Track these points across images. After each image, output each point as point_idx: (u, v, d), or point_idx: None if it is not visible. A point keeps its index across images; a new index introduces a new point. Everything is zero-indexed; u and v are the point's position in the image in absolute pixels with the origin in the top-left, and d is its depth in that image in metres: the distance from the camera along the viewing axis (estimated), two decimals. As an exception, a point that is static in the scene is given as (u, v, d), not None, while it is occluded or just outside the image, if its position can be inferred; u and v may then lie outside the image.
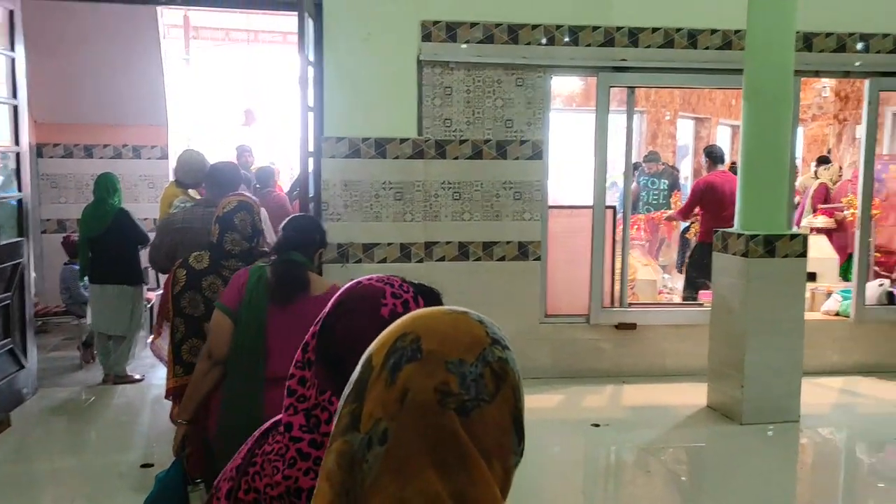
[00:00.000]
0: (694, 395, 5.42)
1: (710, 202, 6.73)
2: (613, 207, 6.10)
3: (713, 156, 6.99)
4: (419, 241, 5.72)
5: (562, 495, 4.13)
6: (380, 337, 0.80)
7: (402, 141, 5.68)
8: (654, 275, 6.97)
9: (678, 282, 7.43)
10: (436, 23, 5.67)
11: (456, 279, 5.73)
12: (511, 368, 0.79)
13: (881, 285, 6.34)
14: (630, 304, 6.07)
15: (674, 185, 8.20)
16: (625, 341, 5.99)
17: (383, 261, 5.69)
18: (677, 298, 6.84)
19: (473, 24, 5.69)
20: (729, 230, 5.17)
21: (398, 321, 0.81)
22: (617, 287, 6.06)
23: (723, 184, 6.68)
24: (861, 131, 6.45)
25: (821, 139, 9.78)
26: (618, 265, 6.06)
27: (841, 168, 8.86)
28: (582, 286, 5.94)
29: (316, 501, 0.77)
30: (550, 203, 5.98)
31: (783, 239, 4.93)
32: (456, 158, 5.75)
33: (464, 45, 5.67)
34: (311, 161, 5.11)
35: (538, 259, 5.84)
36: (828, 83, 9.43)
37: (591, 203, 5.95)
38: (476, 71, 5.74)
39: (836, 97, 9.60)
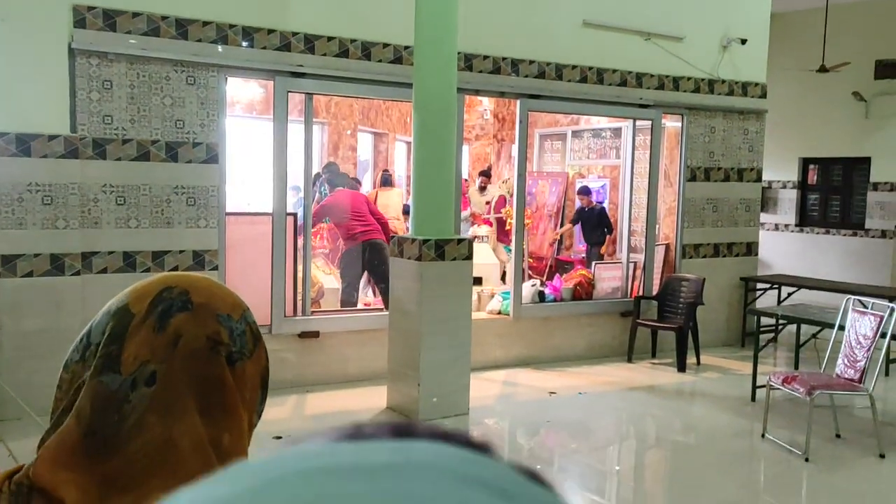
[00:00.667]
0: (375, 398, 5.57)
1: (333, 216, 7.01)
2: (295, 215, 6.02)
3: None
4: (75, 252, 5.10)
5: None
6: (131, 290, 0.81)
7: (52, 138, 5.02)
8: (337, 283, 7.03)
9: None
10: (91, 8, 5.12)
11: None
12: (261, 334, 0.85)
13: (533, 285, 7.09)
14: (312, 313, 6.03)
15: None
16: (308, 350, 5.95)
17: (29, 275, 4.95)
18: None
19: (136, 14, 5.25)
20: (404, 236, 5.37)
21: (153, 278, 0.82)
22: (301, 296, 5.99)
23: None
24: (515, 150, 7.17)
25: (483, 156, 10.76)
26: (300, 273, 5.98)
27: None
28: (264, 296, 5.79)
29: (61, 438, 0.75)
30: (229, 210, 5.72)
31: (451, 243, 5.26)
32: (119, 159, 5.24)
33: (126, 35, 5.20)
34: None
35: (215, 269, 5.57)
36: (488, 106, 10.41)
37: (271, 210, 5.81)
38: (141, 65, 5.29)
39: (496, 119, 10.65)
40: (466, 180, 9.28)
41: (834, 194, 10.81)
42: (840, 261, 10.34)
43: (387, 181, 8.23)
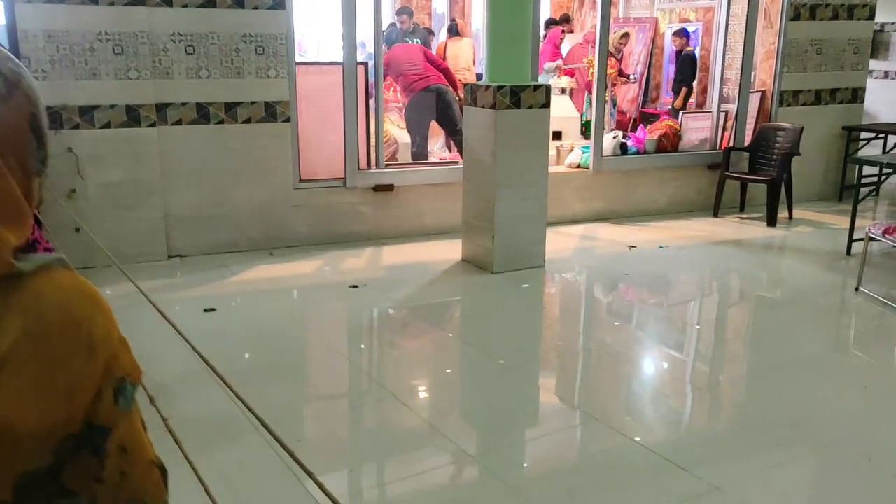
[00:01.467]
0: (450, 250, 5.54)
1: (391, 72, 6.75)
2: (366, 64, 5.80)
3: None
4: (149, 103, 5.08)
5: (319, 356, 4.02)
6: None
7: (117, -17, 4.89)
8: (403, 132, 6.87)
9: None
10: None
11: (196, 145, 5.25)
12: (26, 83, 0.84)
13: (615, 137, 6.77)
14: (387, 166, 5.94)
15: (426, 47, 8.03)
16: (383, 203, 5.91)
17: (106, 126, 5.00)
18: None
19: None
20: (477, 83, 5.14)
21: None
22: (375, 148, 5.88)
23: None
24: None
25: (566, 5, 10.12)
26: (372, 126, 5.84)
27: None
28: (336, 148, 5.72)
29: None
30: (298, 59, 5.56)
31: (528, 90, 5.00)
32: (185, 6, 5.09)
33: None
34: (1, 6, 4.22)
35: (287, 120, 5.48)
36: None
37: (341, 60, 5.61)
38: None
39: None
40: (563, 29, 8.73)
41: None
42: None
43: (454, 31, 7.79)
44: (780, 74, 7.30)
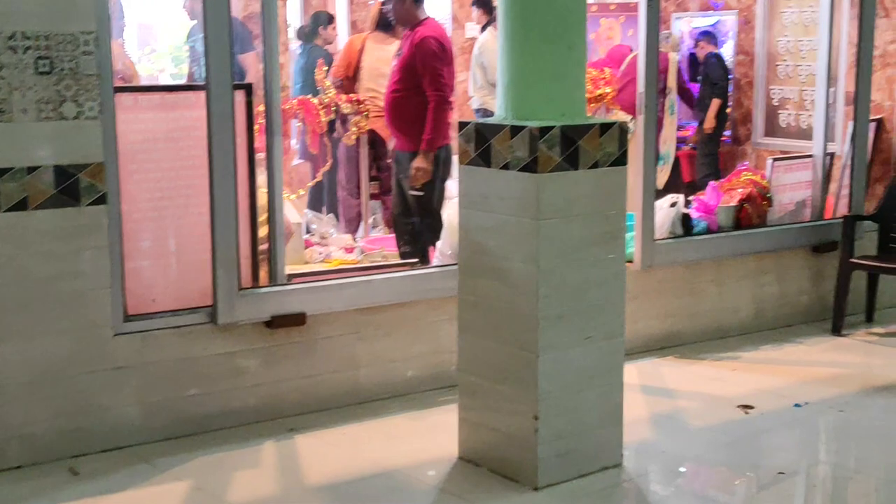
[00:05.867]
0: (430, 439, 4.97)
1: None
2: (249, 86, 5.26)
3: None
4: None
5: None
6: None
7: None
8: (296, 211, 6.92)
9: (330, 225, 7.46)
10: None
11: None
12: None
13: (673, 205, 6.45)
14: (292, 278, 5.37)
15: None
16: (286, 351, 5.33)
17: None
18: (338, 254, 6.74)
19: None
20: (487, 123, 4.64)
21: None
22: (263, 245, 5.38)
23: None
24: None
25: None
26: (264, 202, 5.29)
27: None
28: (197, 252, 5.15)
29: None
30: (119, 81, 4.98)
31: (591, 133, 4.46)
32: None
33: None
34: None
35: (101, 201, 4.70)
36: None
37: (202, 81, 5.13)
38: None
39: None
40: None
41: None
42: None
43: (386, 24, 7.49)
44: (909, 91, 7.01)
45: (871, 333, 6.55)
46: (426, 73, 6.33)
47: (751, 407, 5.26)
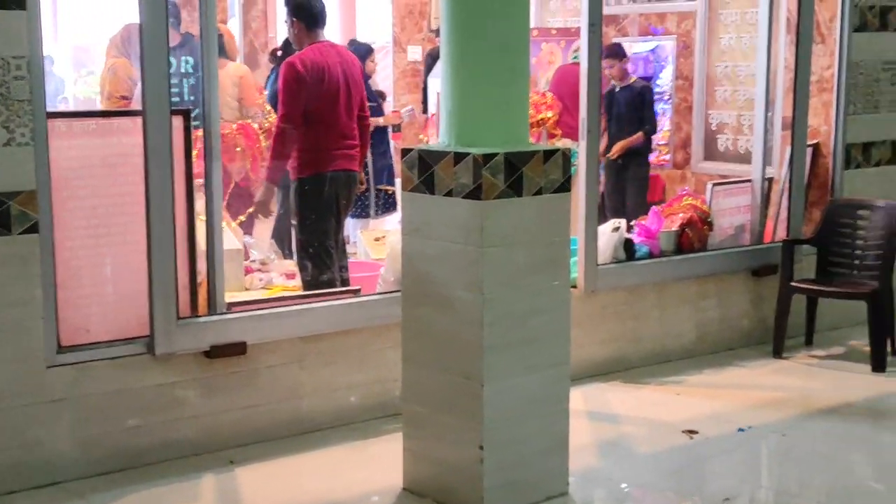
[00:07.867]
0: (372, 469, 4.89)
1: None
2: (187, 112, 5.13)
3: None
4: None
5: None
6: None
7: None
8: (235, 238, 6.72)
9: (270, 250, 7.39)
10: None
11: None
12: None
13: (616, 229, 6.29)
14: (232, 307, 5.21)
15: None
16: (226, 381, 5.20)
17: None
18: (279, 280, 6.67)
19: None
20: (430, 147, 4.62)
21: None
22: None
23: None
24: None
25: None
26: (203, 230, 5.20)
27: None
28: (132, 281, 5.01)
29: None
30: (51, 107, 4.64)
31: (534, 160, 4.44)
32: None
33: None
34: None
35: (32, 230, 4.59)
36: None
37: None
38: None
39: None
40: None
41: None
42: None
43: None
44: (842, 117, 7.03)
45: (811, 356, 6.55)
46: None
47: (695, 432, 5.23)
